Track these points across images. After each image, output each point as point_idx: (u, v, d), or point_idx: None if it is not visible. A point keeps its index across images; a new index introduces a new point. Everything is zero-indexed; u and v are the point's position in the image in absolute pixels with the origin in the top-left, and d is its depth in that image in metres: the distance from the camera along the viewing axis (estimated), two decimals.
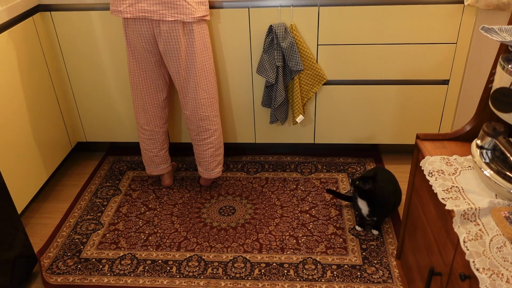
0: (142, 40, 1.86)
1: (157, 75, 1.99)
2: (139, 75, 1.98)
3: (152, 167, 2.20)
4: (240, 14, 2.01)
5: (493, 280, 0.92)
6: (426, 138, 1.39)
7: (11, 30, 1.91)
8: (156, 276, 1.75)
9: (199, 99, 1.97)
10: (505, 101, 1.07)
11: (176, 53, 1.86)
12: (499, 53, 1.19)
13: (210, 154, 2.10)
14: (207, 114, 2.02)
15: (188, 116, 2.04)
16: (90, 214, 2.10)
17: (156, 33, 1.83)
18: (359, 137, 2.30)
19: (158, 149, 2.15)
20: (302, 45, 2.03)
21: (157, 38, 1.84)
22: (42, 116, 2.14)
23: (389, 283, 1.67)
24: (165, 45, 1.84)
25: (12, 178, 1.89)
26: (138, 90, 2.02)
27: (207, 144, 2.08)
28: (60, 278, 1.77)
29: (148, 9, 1.77)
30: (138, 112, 2.08)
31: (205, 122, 2.03)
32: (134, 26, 1.83)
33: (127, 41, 1.91)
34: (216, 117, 2.06)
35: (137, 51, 1.92)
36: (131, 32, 1.86)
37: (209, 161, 2.12)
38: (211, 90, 1.99)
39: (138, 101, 2.04)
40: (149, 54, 1.90)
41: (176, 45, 1.83)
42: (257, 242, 1.89)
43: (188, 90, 1.96)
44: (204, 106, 2.00)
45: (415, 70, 2.09)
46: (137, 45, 1.88)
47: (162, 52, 1.88)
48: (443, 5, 1.93)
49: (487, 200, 1.09)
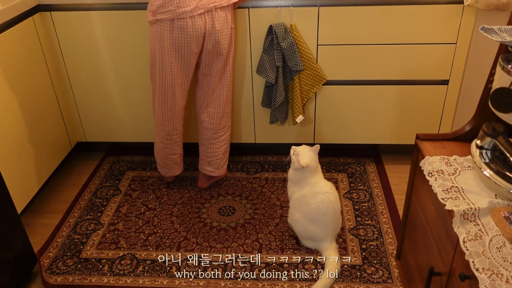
0: (193, 42, 1.81)
1: (190, 77, 1.95)
2: (178, 79, 1.92)
3: (175, 168, 2.18)
4: (240, 14, 2.01)
5: (493, 280, 0.92)
6: (426, 138, 1.39)
7: (11, 30, 1.91)
8: (156, 276, 1.75)
9: (226, 96, 2.01)
10: (505, 101, 1.07)
11: (223, 51, 1.89)
12: (499, 53, 1.19)
13: (223, 151, 2.12)
14: (228, 111, 2.07)
15: (211, 114, 2.02)
16: (90, 214, 2.10)
17: (207, 33, 1.82)
18: (359, 137, 2.30)
19: (179, 148, 2.14)
20: (302, 45, 2.03)
21: (206, 37, 1.84)
22: (42, 116, 2.14)
23: (389, 283, 1.68)
24: (215, 43, 1.85)
25: (12, 178, 1.89)
26: (177, 95, 1.95)
27: (222, 141, 2.10)
28: (60, 278, 1.77)
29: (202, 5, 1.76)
30: (168, 118, 2.00)
31: (225, 118, 2.07)
32: (186, 28, 1.78)
33: (171, 45, 1.82)
34: (230, 114, 2.12)
35: (180, 54, 1.85)
36: (180, 35, 1.79)
37: (221, 158, 2.13)
38: (231, 84, 2.04)
39: (176, 105, 1.98)
40: (194, 57, 1.87)
41: (225, 43, 1.87)
42: (257, 242, 1.89)
43: (217, 88, 1.98)
44: (227, 103, 2.04)
45: (415, 70, 2.09)
46: (184, 47, 1.82)
47: (208, 53, 1.87)
48: (442, 6, 1.93)
49: (487, 200, 1.09)
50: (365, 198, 2.12)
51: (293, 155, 1.77)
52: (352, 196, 2.13)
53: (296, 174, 1.78)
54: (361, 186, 2.20)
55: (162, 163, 2.17)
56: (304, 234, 1.81)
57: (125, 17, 2.07)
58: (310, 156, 1.75)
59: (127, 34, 2.11)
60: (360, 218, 1.99)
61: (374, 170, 2.31)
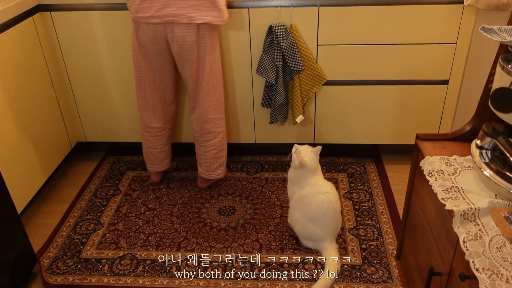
0: (155, 43, 1.87)
1: (167, 76, 2.01)
2: (149, 75, 1.98)
3: (157, 163, 2.21)
4: (240, 14, 2.01)
5: (493, 280, 0.92)
6: (426, 138, 1.39)
7: (11, 30, 1.91)
8: (156, 276, 1.75)
9: (206, 102, 2.00)
10: (505, 101, 1.07)
11: (189, 57, 1.87)
12: (499, 53, 1.19)
13: (212, 156, 2.11)
14: (212, 117, 2.04)
15: (196, 117, 2.06)
16: (90, 214, 2.10)
17: (169, 37, 1.84)
18: (359, 137, 2.30)
19: (163, 144, 2.17)
20: (302, 45, 2.03)
21: (170, 42, 1.85)
22: (42, 116, 2.13)
23: (389, 283, 1.67)
24: (179, 49, 1.85)
25: (12, 178, 1.89)
26: (147, 90, 2.02)
27: (209, 146, 2.09)
28: (60, 278, 1.77)
29: (175, 13, 1.77)
30: (145, 111, 2.08)
31: (209, 124, 2.05)
32: (147, 30, 1.84)
33: (137, 43, 1.90)
34: (221, 119, 2.08)
35: (148, 53, 1.92)
36: (144, 35, 1.86)
37: (210, 162, 2.12)
38: (217, 93, 2.01)
39: (148, 100, 2.05)
40: (160, 56, 1.92)
41: (189, 49, 1.85)
42: (257, 242, 1.89)
43: (198, 93, 1.98)
44: (209, 109, 2.02)
45: (415, 70, 2.09)
46: (149, 48, 1.89)
47: (175, 56, 1.90)
48: (442, 6, 1.93)
49: (487, 200, 1.09)
50: (365, 198, 2.12)
51: (294, 153, 1.77)
52: (352, 196, 2.13)
53: (296, 174, 1.78)
54: (361, 186, 2.20)
55: (145, 156, 2.21)
56: (304, 234, 1.81)
57: (125, 17, 2.07)
58: (310, 156, 1.75)
59: (127, 34, 2.11)
60: (360, 218, 1.99)
61: (374, 170, 2.31)
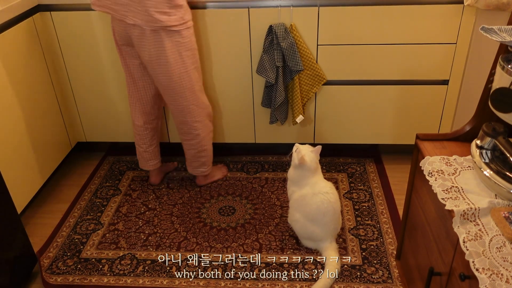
0: (122, 39, 1.86)
1: (141, 75, 1.97)
2: (126, 69, 1.99)
3: (142, 162, 2.23)
4: (240, 14, 2.01)
5: (493, 280, 0.92)
6: (426, 138, 1.39)
7: (11, 30, 1.91)
8: (156, 276, 1.75)
9: (176, 105, 1.95)
10: (505, 101, 1.07)
11: (148, 59, 1.81)
12: (499, 53, 1.19)
13: (192, 154, 2.12)
14: (186, 120, 1.99)
15: (173, 117, 2.05)
16: (90, 214, 2.10)
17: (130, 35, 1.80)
18: (359, 137, 2.30)
19: (147, 145, 2.16)
20: (302, 45, 2.03)
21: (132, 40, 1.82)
22: (42, 116, 2.13)
23: (389, 283, 1.67)
24: (138, 49, 1.82)
25: (12, 178, 1.89)
26: (129, 87, 2.03)
27: (188, 145, 2.09)
28: (60, 278, 1.77)
29: (112, 7, 1.74)
30: (130, 106, 2.09)
31: (185, 126, 2.02)
32: (114, 23, 1.83)
33: (114, 36, 1.90)
34: (197, 122, 2.00)
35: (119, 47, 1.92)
36: (115, 27, 1.86)
37: (191, 160, 2.15)
38: (190, 97, 1.92)
39: (131, 97, 2.06)
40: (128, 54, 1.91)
41: (147, 51, 1.79)
42: (257, 242, 1.89)
43: (166, 95, 1.93)
44: (182, 112, 1.97)
45: (415, 70, 2.09)
46: (118, 41, 1.89)
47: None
48: (442, 6, 1.93)
49: (487, 200, 1.09)
50: (365, 198, 2.12)
51: (295, 152, 1.77)
52: (352, 196, 2.13)
53: (296, 174, 1.78)
54: (361, 186, 2.20)
55: (137, 152, 2.22)
56: (304, 234, 1.81)
57: None
58: (310, 156, 1.75)
59: None
60: (360, 218, 1.99)
61: (374, 170, 2.31)
